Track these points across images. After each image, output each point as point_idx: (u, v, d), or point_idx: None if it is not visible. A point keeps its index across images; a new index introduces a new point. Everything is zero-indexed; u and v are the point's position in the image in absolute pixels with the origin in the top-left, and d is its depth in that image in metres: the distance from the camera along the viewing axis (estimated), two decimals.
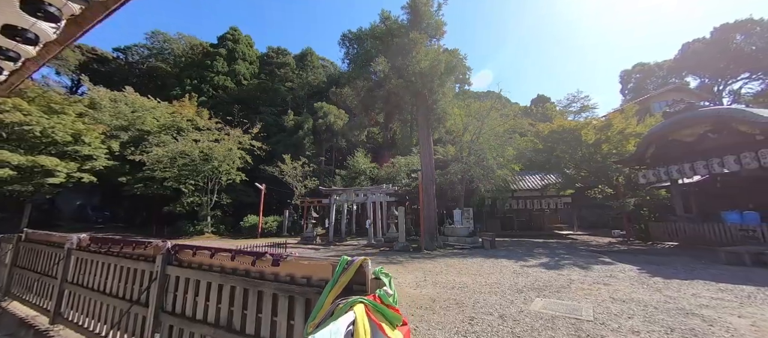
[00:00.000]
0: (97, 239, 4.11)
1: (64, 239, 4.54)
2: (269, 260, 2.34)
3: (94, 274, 3.82)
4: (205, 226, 19.24)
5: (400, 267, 9.02)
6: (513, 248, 13.44)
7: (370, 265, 1.95)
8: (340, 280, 1.90)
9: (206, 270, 2.73)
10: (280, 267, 2.30)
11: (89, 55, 41.84)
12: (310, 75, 39.67)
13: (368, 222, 15.15)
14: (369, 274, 1.91)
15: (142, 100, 21.13)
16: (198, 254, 2.84)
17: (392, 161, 21.72)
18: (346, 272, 1.93)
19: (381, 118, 16.12)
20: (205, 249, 2.82)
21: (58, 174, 15.12)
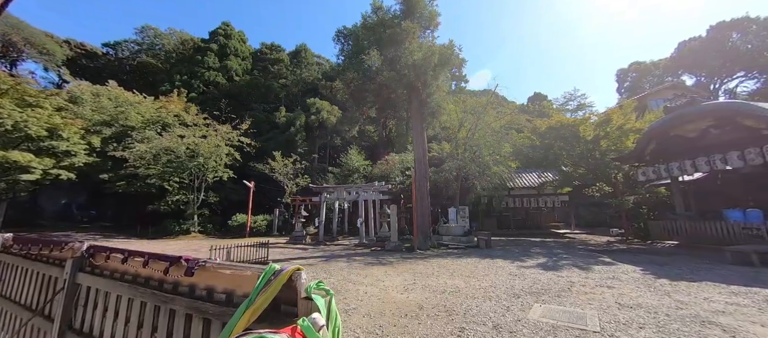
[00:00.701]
0: (19, 238, 3.49)
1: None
2: (184, 267, 1.75)
3: (12, 280, 3.20)
4: (191, 225, 18.53)
5: (390, 268, 8.45)
6: (509, 247, 12.93)
7: (304, 277, 1.38)
8: (259, 300, 1.32)
9: (117, 280, 2.13)
10: (196, 277, 1.71)
11: (78, 50, 40.68)
12: (305, 72, 38.95)
13: (359, 220, 14.57)
14: (301, 291, 1.33)
15: (125, 95, 20.33)
16: (112, 258, 2.24)
17: (386, 158, 21.15)
18: (268, 287, 1.35)
19: (373, 112, 15.52)
20: (118, 251, 2.22)
21: (33, 170, 14.34)
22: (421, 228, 12.75)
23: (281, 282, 1.36)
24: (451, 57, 12.32)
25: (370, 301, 5.23)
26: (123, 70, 39.93)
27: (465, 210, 16.96)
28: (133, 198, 20.94)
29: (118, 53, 43.01)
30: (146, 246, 13.25)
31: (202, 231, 19.21)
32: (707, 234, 11.51)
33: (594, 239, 16.29)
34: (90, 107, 18.54)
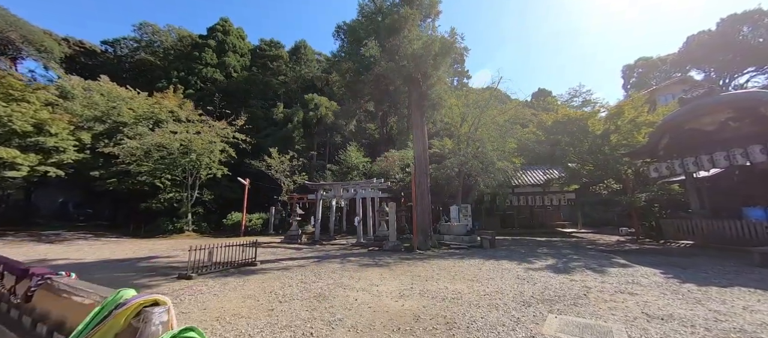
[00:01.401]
0: None
1: None
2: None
3: None
4: (185, 224, 18.00)
5: (386, 270, 7.81)
6: (515, 248, 12.26)
7: (160, 317, 0.75)
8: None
9: None
10: (35, 300, 1.08)
11: (76, 48, 40.32)
12: (304, 68, 38.31)
13: (357, 219, 13.94)
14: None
15: (118, 90, 19.78)
16: None
17: (385, 155, 20.51)
18: (103, 325, 0.73)
19: (371, 106, 14.83)
20: None
21: (19, 167, 13.83)
22: (421, 227, 12.10)
23: (123, 321, 0.72)
24: (453, 46, 11.63)
25: (360, 310, 4.60)
26: (122, 68, 39.46)
27: (467, 208, 16.29)
28: (127, 197, 20.45)
29: (117, 51, 42.60)
30: (124, 246, 12.72)
31: (196, 230, 18.68)
32: (726, 233, 10.78)
33: (603, 238, 15.57)
34: (80, 102, 18.02)
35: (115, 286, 6.13)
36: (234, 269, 7.75)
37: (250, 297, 5.33)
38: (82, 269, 8.02)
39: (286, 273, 7.42)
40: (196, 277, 6.71)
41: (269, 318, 4.24)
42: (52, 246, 12.28)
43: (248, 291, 5.68)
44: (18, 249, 11.19)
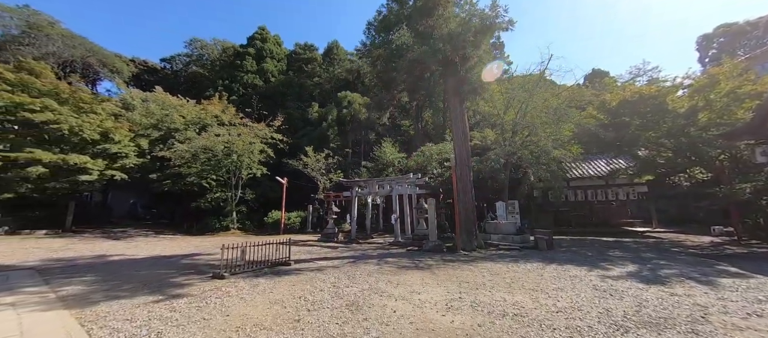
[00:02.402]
0: None
1: None
2: None
3: None
4: (230, 222, 18.84)
5: (428, 274, 6.92)
6: (578, 249, 10.55)
7: None
8: None
9: None
10: None
11: (141, 66, 45.46)
12: (337, 68, 38.67)
13: (394, 216, 13.19)
14: None
15: (170, 99, 21.41)
16: None
17: (422, 149, 19.46)
18: None
19: (404, 96, 13.92)
20: None
21: (90, 171, 15.42)
22: (465, 226, 10.95)
23: None
24: (496, 20, 10.25)
25: (399, 326, 3.80)
26: (178, 81, 43.44)
27: (515, 204, 14.65)
28: (181, 197, 22.10)
29: (173, 66, 47.11)
30: (176, 243, 13.37)
31: (241, 228, 19.46)
32: None
33: (689, 239, 12.95)
34: (139, 112, 19.79)
35: (153, 282, 6.05)
36: (267, 268, 7.46)
37: (278, 302, 4.83)
38: (132, 264, 8.38)
39: (318, 274, 6.91)
40: (229, 277, 6.48)
41: (293, 332, 3.63)
42: (116, 243, 13.41)
43: (276, 295, 5.20)
44: (88, 245, 12.34)
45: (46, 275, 6.84)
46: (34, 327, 3.82)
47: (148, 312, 4.36)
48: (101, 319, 4.08)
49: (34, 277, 6.55)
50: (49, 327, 3.81)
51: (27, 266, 7.81)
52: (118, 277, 6.64)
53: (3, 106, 13.41)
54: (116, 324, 3.89)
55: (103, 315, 4.24)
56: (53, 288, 5.67)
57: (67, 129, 14.37)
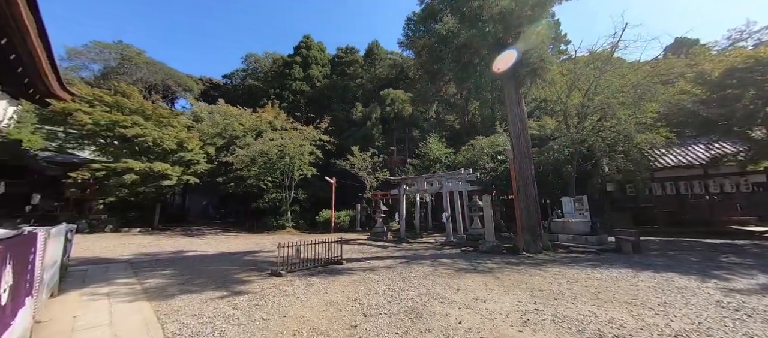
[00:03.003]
0: None
1: None
2: None
3: None
4: (285, 221, 19.93)
5: (491, 279, 6.21)
6: (675, 253, 8.74)
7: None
8: None
9: None
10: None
11: (207, 84, 51.42)
12: (378, 68, 38.84)
13: (445, 215, 12.50)
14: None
15: (231, 109, 23.49)
16: None
17: (471, 142, 18.29)
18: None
19: (452, 87, 13.08)
20: None
21: (171, 177, 17.57)
22: (528, 225, 9.83)
23: None
24: None
25: None
26: (237, 94, 48.01)
27: (583, 200, 12.85)
28: (244, 198, 24.16)
29: (232, 81, 52.22)
30: (239, 240, 14.40)
31: (295, 227, 20.48)
32: None
33: None
34: (206, 123, 22.07)
35: (219, 278, 6.38)
36: (321, 267, 7.47)
37: (333, 304, 4.65)
38: (203, 260, 9.13)
39: (372, 275, 6.66)
40: (285, 275, 6.58)
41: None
42: (192, 240, 15.01)
43: (331, 297, 5.05)
44: (169, 241, 13.97)
45: (135, 268, 7.74)
46: (120, 316, 4.16)
47: (213, 308, 4.51)
48: (174, 314, 4.30)
49: (126, 270, 7.45)
50: (132, 319, 4.11)
51: (122, 260, 9.00)
52: (191, 272, 7.20)
53: (105, 124, 15.99)
54: (185, 320, 4.05)
55: (176, 309, 4.49)
56: (139, 280, 6.32)
57: (151, 141, 16.60)
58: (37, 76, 5.03)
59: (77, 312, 4.29)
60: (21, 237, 2.36)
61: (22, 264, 2.33)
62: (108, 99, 17.03)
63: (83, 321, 3.95)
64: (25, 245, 2.46)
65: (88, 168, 15.50)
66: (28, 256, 2.52)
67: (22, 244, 2.38)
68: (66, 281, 6.03)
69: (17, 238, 2.24)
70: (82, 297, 5.00)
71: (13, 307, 2.06)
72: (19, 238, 2.31)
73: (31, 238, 2.68)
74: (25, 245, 2.44)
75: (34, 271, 2.74)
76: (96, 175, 15.60)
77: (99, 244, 12.00)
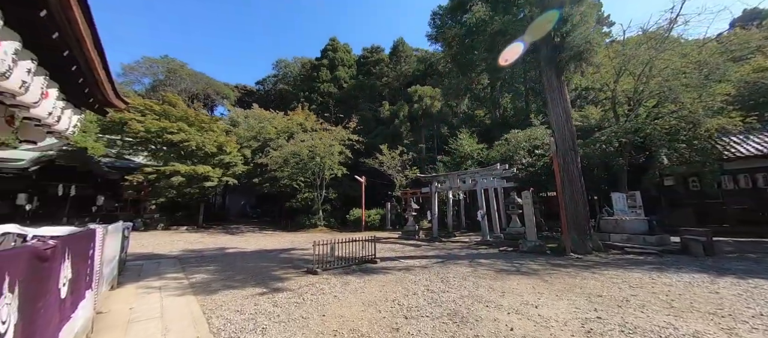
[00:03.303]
0: None
1: None
2: None
3: None
4: (317, 220, 20.36)
5: (539, 282, 5.71)
6: (760, 256, 7.53)
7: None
8: None
9: None
10: None
11: (242, 91, 54.49)
12: (404, 65, 38.50)
13: (480, 213, 11.92)
14: None
15: (264, 113, 24.54)
16: None
17: (506, 137, 17.34)
18: None
19: (484, 79, 12.40)
20: None
21: (212, 178, 18.70)
22: (575, 223, 9.03)
23: None
24: None
25: None
26: (269, 99, 50.27)
27: (636, 196, 11.61)
28: (279, 197, 25.13)
29: (264, 87, 54.69)
30: (275, 238, 14.87)
31: (326, 225, 20.86)
32: None
33: None
34: (242, 127, 23.24)
35: (258, 275, 6.53)
36: (355, 265, 7.39)
37: (371, 304, 4.50)
38: (243, 256, 9.50)
39: (408, 275, 6.44)
40: (321, 273, 6.57)
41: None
42: (232, 237, 15.83)
43: (369, 296, 4.90)
44: (212, 239, 14.81)
45: (183, 263, 8.22)
46: (170, 309, 4.34)
47: (254, 305, 4.56)
48: (218, 308, 4.41)
49: (175, 265, 7.93)
50: (180, 311, 4.27)
51: (172, 256, 9.64)
52: (232, 268, 7.48)
53: (155, 131, 17.41)
54: (229, 315, 4.12)
55: (220, 304, 4.61)
56: (187, 275, 6.66)
57: (194, 145, 17.80)
58: (95, 85, 5.42)
59: (133, 305, 4.56)
60: (80, 234, 2.47)
61: (82, 259, 2.42)
62: (157, 108, 18.50)
63: (138, 313, 4.17)
64: (85, 241, 2.57)
65: (141, 171, 16.99)
66: (87, 252, 2.64)
67: (82, 240, 2.48)
68: (124, 275, 6.51)
69: (76, 235, 2.33)
70: (138, 290, 5.34)
71: (73, 300, 2.14)
72: (78, 235, 2.41)
73: (90, 235, 2.81)
74: (84, 241, 2.54)
75: (94, 266, 2.88)
76: (148, 178, 17.04)
77: (152, 241, 13.01)
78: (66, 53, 4.51)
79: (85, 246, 2.55)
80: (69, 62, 4.68)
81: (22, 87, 3.71)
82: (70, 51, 4.47)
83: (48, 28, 3.91)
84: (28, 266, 1.30)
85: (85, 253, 2.56)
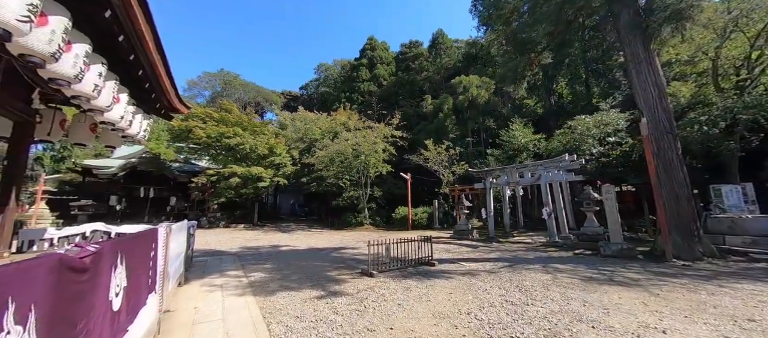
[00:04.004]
0: None
1: None
2: None
3: None
4: (363, 218, 20.30)
5: (648, 296, 4.55)
6: None
7: None
8: None
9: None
10: None
11: (287, 97, 57.60)
12: (444, 58, 37.03)
13: (546, 210, 10.54)
14: None
15: (309, 115, 25.28)
16: None
17: (570, 124, 15.32)
18: None
19: (545, 58, 10.86)
20: None
21: (264, 179, 19.69)
22: (677, 223, 7.37)
23: None
24: None
25: None
26: (312, 103, 52.28)
27: (748, 188, 9.29)
28: (325, 196, 25.73)
29: (308, 91, 57.07)
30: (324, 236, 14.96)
31: (372, 224, 20.70)
32: None
33: None
34: (290, 130, 24.19)
35: (313, 275, 6.30)
36: (411, 267, 6.83)
37: (443, 317, 3.87)
38: (296, 255, 9.54)
39: (475, 281, 5.67)
40: (377, 275, 6.13)
41: None
42: (284, 235, 16.39)
43: (437, 306, 4.28)
44: (267, 236, 15.44)
45: (242, 260, 8.44)
46: (231, 312, 4.21)
47: (313, 310, 4.23)
48: (277, 312, 4.16)
49: (235, 262, 8.16)
50: (240, 315, 4.10)
51: (232, 252, 10.07)
52: (287, 267, 7.42)
53: (214, 137, 18.86)
54: (289, 321, 3.82)
55: (279, 307, 4.37)
56: (246, 273, 6.71)
57: (248, 147, 18.91)
58: (160, 90, 5.61)
59: (198, 303, 4.53)
60: (138, 235, 2.26)
61: (142, 262, 2.21)
62: (215, 115, 20.02)
63: (201, 314, 4.09)
64: (145, 243, 2.37)
65: (204, 174, 18.47)
66: (148, 253, 2.45)
67: (141, 242, 2.27)
68: (190, 270, 6.76)
69: (132, 237, 2.11)
70: (202, 288, 5.40)
71: (130, 309, 1.90)
72: (135, 236, 2.20)
73: (152, 235, 2.64)
74: (144, 243, 2.34)
75: (157, 268, 2.71)
76: (210, 179, 18.45)
77: (215, 238, 13.94)
78: (132, 57, 4.61)
79: (145, 248, 2.36)
80: (135, 66, 4.81)
81: (95, 90, 3.78)
82: (135, 55, 4.57)
83: (113, 32, 3.97)
84: (51, 283, 0.96)
85: (146, 255, 2.37)
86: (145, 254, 2.35)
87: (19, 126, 4.82)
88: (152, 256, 2.54)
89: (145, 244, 2.36)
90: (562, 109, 28.28)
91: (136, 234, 2.27)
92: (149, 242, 2.49)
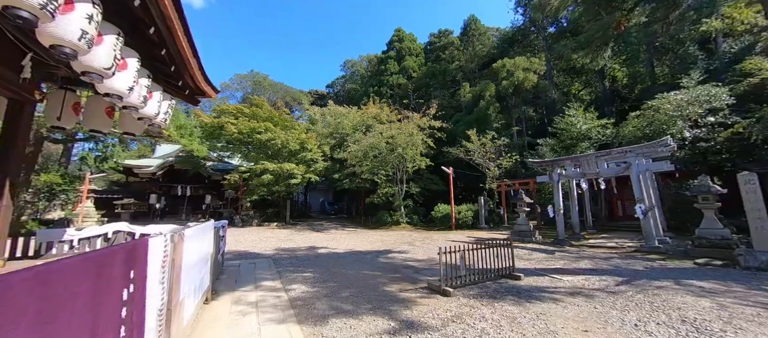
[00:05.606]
0: None
1: None
2: None
3: None
4: (399, 216, 18.90)
5: None
6: None
7: None
8: None
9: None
10: None
11: (314, 95, 57.70)
12: (478, 45, 34.53)
13: (640, 207, 8.40)
14: None
15: (339, 109, 24.32)
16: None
17: (650, 104, 12.74)
18: None
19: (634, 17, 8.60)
20: None
21: (296, 176, 18.94)
22: None
23: None
24: None
25: None
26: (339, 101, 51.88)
27: None
28: (357, 193, 24.69)
29: (334, 89, 56.77)
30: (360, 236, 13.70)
31: (409, 222, 19.24)
32: None
33: None
34: (320, 125, 23.37)
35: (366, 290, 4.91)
36: (490, 282, 5.26)
37: None
38: (337, 259, 8.29)
39: (595, 305, 3.99)
40: (453, 293, 4.63)
41: None
42: (318, 234, 15.41)
43: None
44: (301, 236, 14.51)
45: (278, 266, 7.36)
46: None
47: None
48: None
49: (271, 268, 7.08)
50: None
51: (266, 255, 9.09)
52: (332, 277, 6.17)
53: (246, 132, 18.41)
54: None
55: None
56: (284, 284, 5.54)
57: (280, 143, 18.23)
58: (186, 72, 4.65)
59: (225, 333, 3.33)
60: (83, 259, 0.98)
61: (93, 309, 0.91)
62: (247, 111, 19.60)
63: None
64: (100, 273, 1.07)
65: (237, 171, 18.05)
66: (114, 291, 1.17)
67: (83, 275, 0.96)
68: (220, 279, 5.72)
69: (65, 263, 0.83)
70: (233, 306, 4.24)
71: None
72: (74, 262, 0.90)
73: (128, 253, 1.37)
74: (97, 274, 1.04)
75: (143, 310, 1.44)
76: (243, 177, 17.99)
77: (248, 237, 13.21)
78: (152, 30, 3.59)
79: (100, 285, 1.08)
80: (159, 47, 3.83)
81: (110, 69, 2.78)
82: (156, 27, 3.54)
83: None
84: None
85: (102, 297, 1.10)
86: (102, 294, 1.08)
87: (14, 105, 3.91)
88: (127, 294, 1.28)
89: (101, 277, 1.08)
90: (616, 95, 24.99)
91: (78, 259, 1.00)
92: (123, 267, 1.22)
